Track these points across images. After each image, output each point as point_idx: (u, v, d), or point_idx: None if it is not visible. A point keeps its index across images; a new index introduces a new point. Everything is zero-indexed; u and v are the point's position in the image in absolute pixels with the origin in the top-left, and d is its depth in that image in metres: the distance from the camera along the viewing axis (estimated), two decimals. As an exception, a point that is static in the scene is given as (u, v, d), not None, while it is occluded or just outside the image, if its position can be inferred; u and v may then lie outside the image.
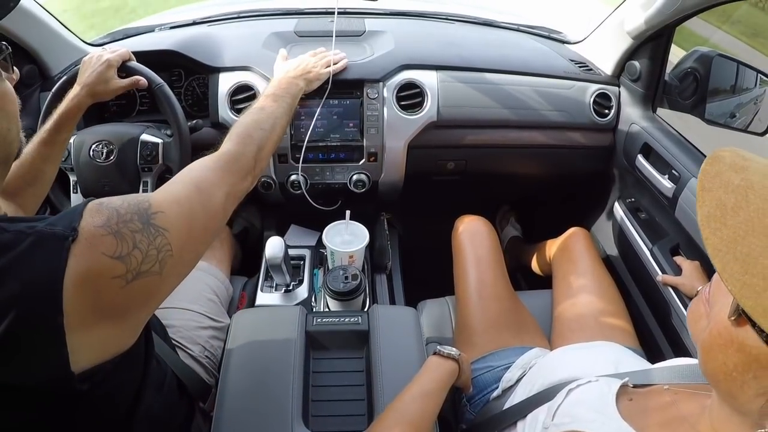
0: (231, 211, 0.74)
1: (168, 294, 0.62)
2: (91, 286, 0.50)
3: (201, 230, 0.64)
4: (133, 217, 0.54)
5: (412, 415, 0.72)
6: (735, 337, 0.44)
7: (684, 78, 1.24)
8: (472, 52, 1.44)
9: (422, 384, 0.78)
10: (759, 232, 0.41)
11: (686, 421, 0.55)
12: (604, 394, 0.66)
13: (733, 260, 0.41)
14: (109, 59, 1.03)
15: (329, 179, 1.36)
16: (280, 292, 1.22)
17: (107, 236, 0.51)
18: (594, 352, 0.93)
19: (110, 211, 0.53)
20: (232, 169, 0.75)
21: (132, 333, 0.58)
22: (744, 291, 0.40)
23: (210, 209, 0.67)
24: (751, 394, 0.44)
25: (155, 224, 0.56)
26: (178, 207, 0.61)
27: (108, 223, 0.52)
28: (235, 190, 0.74)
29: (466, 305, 1.13)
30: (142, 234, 0.54)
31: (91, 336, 0.51)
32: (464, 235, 1.27)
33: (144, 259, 0.54)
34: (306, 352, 0.85)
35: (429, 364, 0.83)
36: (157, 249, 0.55)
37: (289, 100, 1.01)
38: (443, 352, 0.85)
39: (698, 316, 0.51)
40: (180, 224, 0.60)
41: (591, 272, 1.18)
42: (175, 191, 0.64)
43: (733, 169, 0.45)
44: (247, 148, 0.80)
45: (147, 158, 1.14)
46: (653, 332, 1.22)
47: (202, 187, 0.67)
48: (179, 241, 0.59)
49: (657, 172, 1.21)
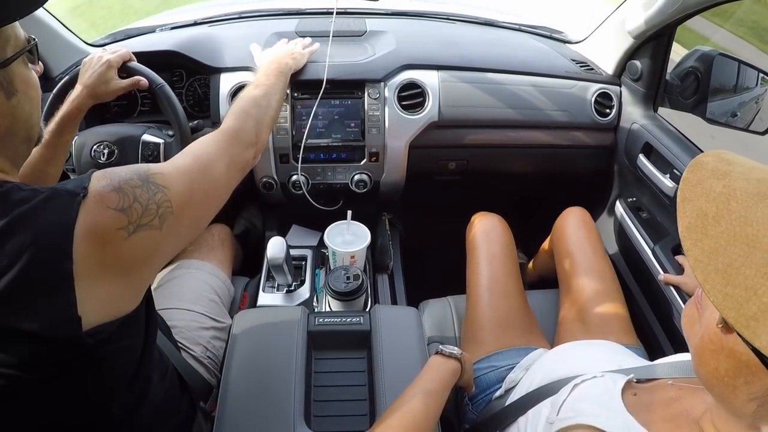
0: (235, 181, 0.79)
1: (170, 254, 0.66)
2: (97, 238, 0.54)
3: (201, 194, 0.68)
4: (133, 176, 0.59)
5: (415, 414, 0.71)
6: (725, 343, 0.44)
7: (685, 77, 1.24)
8: (473, 52, 1.44)
9: (424, 383, 0.78)
10: (740, 241, 0.40)
11: (690, 416, 0.56)
12: (610, 389, 0.66)
13: (714, 272, 0.40)
14: (110, 60, 1.03)
15: (331, 179, 1.36)
16: (282, 293, 1.22)
17: (111, 192, 0.56)
18: (595, 350, 0.93)
19: (112, 175, 0.59)
20: (232, 142, 0.79)
21: (134, 294, 0.61)
22: (726, 302, 0.39)
23: (209, 175, 0.71)
24: (743, 399, 0.44)
25: (155, 182, 0.61)
26: (176, 170, 0.66)
27: (111, 183, 0.57)
28: (237, 160, 0.79)
29: (477, 301, 1.13)
30: (142, 189, 0.59)
31: (97, 289, 0.54)
32: (479, 231, 1.26)
33: (144, 212, 0.58)
34: (308, 353, 0.85)
35: (431, 363, 0.83)
36: (156, 204, 0.60)
37: (282, 78, 1.07)
38: (445, 352, 0.85)
39: (692, 320, 0.51)
40: (179, 184, 0.64)
41: (586, 252, 1.18)
42: (174, 160, 0.70)
43: (715, 176, 0.44)
44: (247, 123, 0.84)
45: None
46: (655, 331, 1.22)
47: (200, 156, 0.72)
48: (179, 199, 0.63)
49: (658, 171, 1.21)
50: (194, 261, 1.20)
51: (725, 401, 0.47)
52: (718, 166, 0.45)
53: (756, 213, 0.41)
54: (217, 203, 0.74)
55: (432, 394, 0.76)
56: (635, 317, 1.26)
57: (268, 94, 0.96)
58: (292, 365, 0.81)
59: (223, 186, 0.75)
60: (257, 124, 0.86)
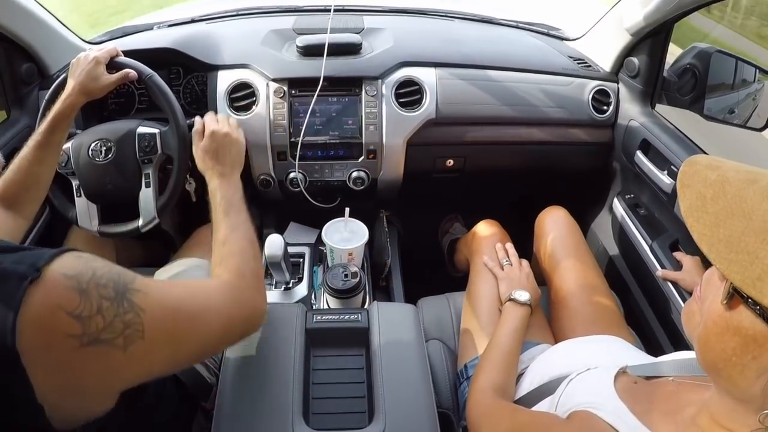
0: (234, 338, 0.71)
1: (135, 381, 0.55)
2: (43, 337, 0.46)
3: (184, 332, 0.59)
4: (109, 284, 0.51)
5: (510, 347, 0.94)
6: (730, 321, 0.45)
7: (683, 74, 1.24)
8: (470, 49, 1.44)
9: (507, 327, 0.98)
10: (738, 215, 0.44)
11: (687, 411, 0.57)
12: (602, 378, 0.69)
13: (717, 242, 0.44)
14: (97, 57, 1.03)
15: (328, 177, 1.36)
16: (280, 290, 1.22)
17: (71, 291, 0.47)
18: (593, 347, 0.93)
19: (87, 267, 0.50)
20: (235, 297, 0.70)
21: (98, 403, 0.52)
22: (732, 267, 0.43)
23: (200, 318, 0.62)
24: (751, 377, 0.45)
25: (130, 299, 0.52)
26: (163, 295, 0.57)
27: (78, 277, 0.48)
28: (236, 316, 0.69)
29: (477, 297, 1.15)
30: (111, 303, 0.50)
31: (53, 385, 0.47)
32: (482, 238, 1.29)
33: (105, 328, 0.49)
34: (306, 350, 0.85)
35: (508, 310, 1.03)
36: (124, 323, 0.51)
37: (243, 209, 0.90)
38: (519, 300, 1.03)
39: (691, 314, 0.53)
40: (159, 312, 0.55)
41: (567, 249, 1.19)
42: (169, 284, 0.62)
43: (709, 168, 0.49)
44: (252, 295, 0.75)
45: (146, 149, 1.14)
46: (653, 327, 1.22)
47: (196, 294, 0.64)
48: (154, 328, 0.53)
49: (656, 168, 1.21)
50: (194, 259, 1.20)
51: (733, 385, 0.48)
52: (711, 162, 0.50)
53: (749, 193, 0.45)
54: (203, 348, 0.64)
55: (513, 333, 0.97)
56: (633, 313, 1.27)
57: (249, 239, 0.84)
58: (290, 363, 0.81)
59: (213, 339, 0.65)
60: (259, 283, 0.79)
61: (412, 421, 0.75)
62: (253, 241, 0.84)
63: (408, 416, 0.75)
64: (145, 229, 1.17)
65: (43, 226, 1.32)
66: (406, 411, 0.76)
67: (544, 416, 0.71)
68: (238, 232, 0.83)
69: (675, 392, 0.63)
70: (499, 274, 1.14)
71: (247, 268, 0.77)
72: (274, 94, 1.29)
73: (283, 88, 1.29)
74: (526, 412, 0.76)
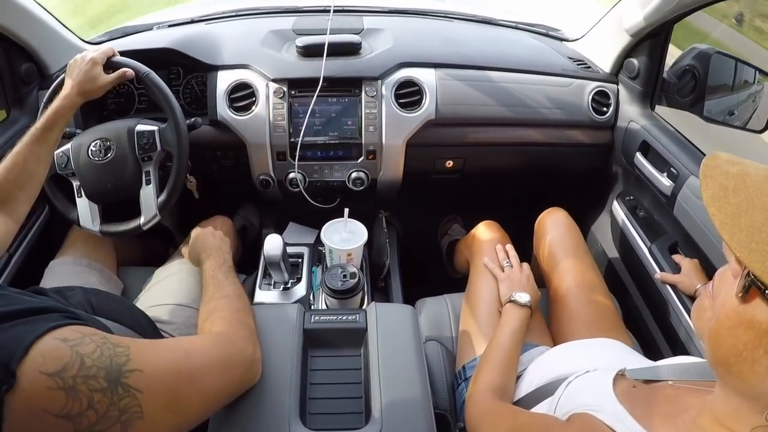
0: (234, 389, 0.70)
1: None
2: None
3: (186, 396, 0.57)
4: (99, 373, 0.47)
5: (510, 349, 0.95)
6: (743, 315, 0.46)
7: (682, 75, 1.24)
8: (470, 50, 1.44)
9: (506, 328, 0.99)
10: (759, 207, 0.44)
11: (687, 414, 0.56)
12: (601, 381, 0.69)
13: (738, 231, 0.44)
14: (94, 57, 1.04)
15: (328, 177, 1.36)
16: (278, 290, 1.21)
17: (55, 391, 0.43)
18: (591, 349, 0.93)
19: (72, 357, 0.45)
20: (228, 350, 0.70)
21: None
22: (752, 256, 0.43)
23: (199, 376, 0.60)
24: (762, 373, 0.45)
25: (126, 383, 0.49)
26: (161, 366, 0.55)
27: (62, 374, 0.44)
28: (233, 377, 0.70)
29: (476, 298, 1.15)
30: (104, 394, 0.46)
31: None
32: (483, 240, 1.29)
33: (100, 420, 0.46)
34: (304, 350, 0.85)
35: (508, 311, 1.03)
36: (120, 410, 0.48)
37: (231, 272, 0.96)
38: (519, 301, 1.03)
39: (702, 310, 0.53)
40: (159, 385, 0.53)
41: (567, 251, 1.19)
42: (164, 348, 0.60)
43: (730, 163, 0.49)
44: (245, 345, 0.75)
45: (145, 147, 1.14)
46: (651, 330, 1.22)
47: (191, 353, 0.62)
48: (154, 404, 0.51)
49: (656, 170, 1.21)
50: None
51: (742, 381, 0.47)
52: (731, 158, 0.51)
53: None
54: (203, 410, 0.62)
55: (513, 334, 0.98)
56: (631, 315, 1.27)
57: (238, 296, 0.86)
58: (287, 363, 0.81)
59: (212, 400, 0.64)
60: (250, 333, 0.79)
61: (408, 421, 0.75)
62: (240, 294, 0.87)
63: (405, 417, 0.75)
64: (147, 226, 1.17)
65: (42, 226, 1.32)
66: (403, 412, 0.76)
67: (544, 418, 0.71)
68: (224, 289, 0.87)
69: (674, 396, 0.63)
70: (500, 275, 1.14)
71: (236, 319, 0.78)
72: (274, 95, 1.29)
73: (283, 88, 1.29)
74: (525, 414, 0.76)
